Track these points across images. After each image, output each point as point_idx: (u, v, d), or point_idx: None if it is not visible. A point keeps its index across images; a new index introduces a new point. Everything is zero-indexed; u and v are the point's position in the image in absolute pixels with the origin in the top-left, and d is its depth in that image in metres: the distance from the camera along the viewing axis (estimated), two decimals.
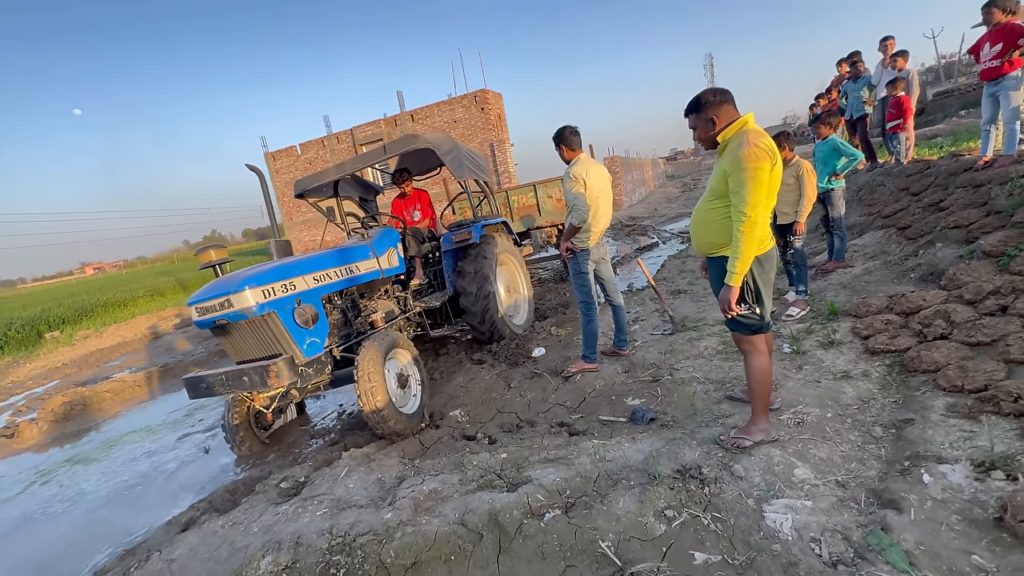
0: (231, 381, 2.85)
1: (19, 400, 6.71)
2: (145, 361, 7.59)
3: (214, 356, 6.98)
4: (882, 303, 3.17)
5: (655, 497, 2.00)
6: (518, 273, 5.04)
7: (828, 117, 4.18)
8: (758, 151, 1.90)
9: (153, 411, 5.18)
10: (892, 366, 2.65)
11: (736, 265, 1.98)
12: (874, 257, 4.22)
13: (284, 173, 18.12)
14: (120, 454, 4.08)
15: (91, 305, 13.64)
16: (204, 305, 2.85)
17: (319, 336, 3.16)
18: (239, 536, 2.26)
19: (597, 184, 3.28)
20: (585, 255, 3.35)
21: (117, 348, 9.41)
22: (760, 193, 1.92)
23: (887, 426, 2.21)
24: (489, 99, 15.24)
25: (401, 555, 1.98)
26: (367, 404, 2.89)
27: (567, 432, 2.86)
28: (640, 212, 15.24)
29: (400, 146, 4.01)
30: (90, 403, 5.49)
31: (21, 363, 8.95)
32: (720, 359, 3.26)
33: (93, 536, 2.91)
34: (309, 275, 3.18)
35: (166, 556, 2.26)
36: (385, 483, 2.53)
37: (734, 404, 2.68)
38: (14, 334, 10.83)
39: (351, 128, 17.13)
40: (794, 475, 2.01)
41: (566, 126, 3.30)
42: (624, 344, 3.68)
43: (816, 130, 4.23)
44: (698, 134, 2.15)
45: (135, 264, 63.03)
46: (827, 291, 3.94)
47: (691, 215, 2.34)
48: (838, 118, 4.52)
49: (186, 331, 9.43)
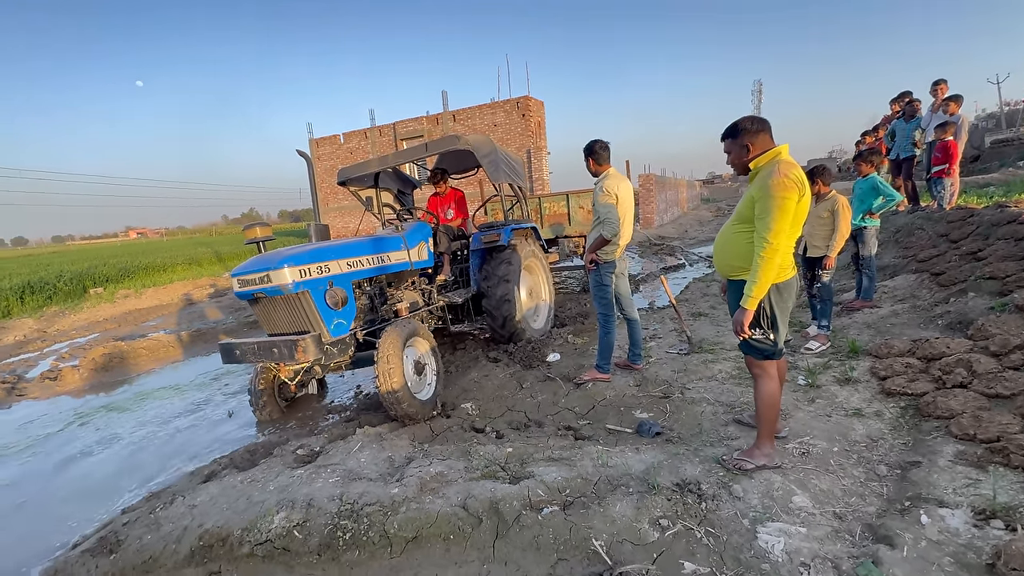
0: (262, 351, 3.04)
1: (63, 347, 7.16)
2: (179, 325, 7.97)
3: (243, 327, 7.29)
4: (905, 346, 3.14)
5: (652, 505, 2.07)
6: (542, 279, 5.14)
7: (870, 155, 4.16)
8: (787, 181, 1.96)
9: (183, 371, 5.47)
10: (906, 409, 2.63)
11: (753, 289, 2.04)
12: (903, 300, 4.16)
13: (325, 160, 18.71)
14: (151, 407, 4.34)
15: (133, 267, 14.35)
16: (245, 278, 3.06)
17: (346, 318, 3.33)
18: (256, 492, 2.42)
19: (626, 199, 3.36)
20: (609, 267, 3.43)
21: (154, 310, 9.90)
22: (784, 222, 1.97)
23: (893, 466, 2.22)
24: (531, 106, 15.44)
25: (404, 528, 2.10)
26: (384, 385, 3.03)
27: (573, 436, 2.93)
28: (670, 232, 15.13)
29: (442, 145, 4.17)
30: (127, 357, 5.83)
31: (67, 314, 9.50)
32: (732, 383, 3.29)
33: (123, 477, 3.13)
34: (343, 260, 3.36)
35: (189, 501, 2.44)
36: (394, 461, 2.66)
37: (741, 428, 2.71)
38: (62, 286, 11.50)
39: (394, 123, 17.60)
40: (792, 501, 2.04)
41: (597, 140, 3.39)
42: (638, 359, 3.73)
43: (857, 167, 4.20)
44: (731, 159, 2.21)
45: (176, 233, 65.79)
46: (850, 329, 3.91)
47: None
48: (880, 157, 4.48)
49: (219, 301, 9.85)
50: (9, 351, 7.26)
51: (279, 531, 2.13)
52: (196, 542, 2.17)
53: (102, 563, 2.20)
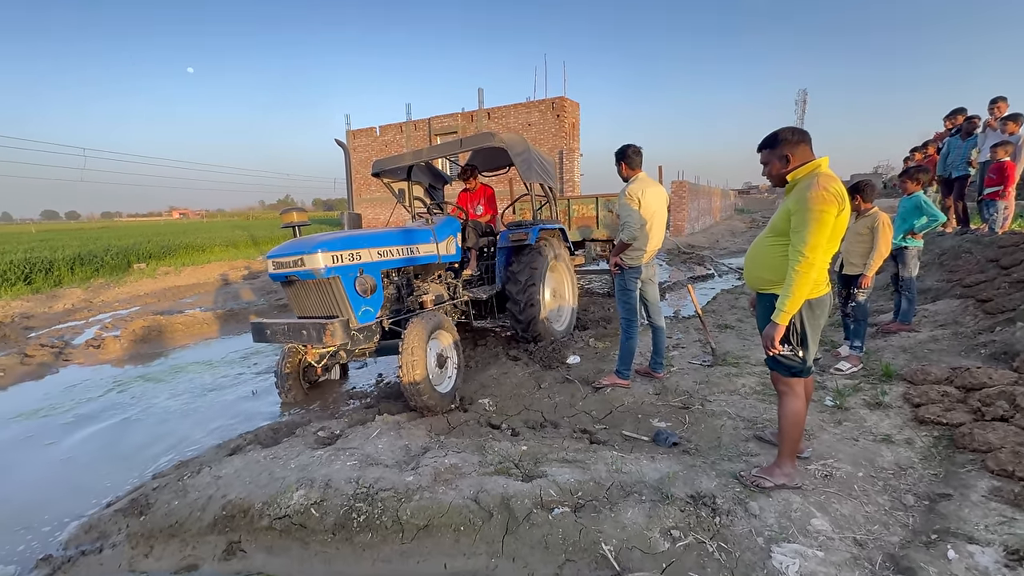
0: (291, 332, 3.15)
1: (107, 318, 7.54)
2: (213, 303, 8.29)
3: (273, 309, 7.53)
4: (942, 373, 3.01)
5: (664, 515, 2.05)
6: (566, 280, 5.13)
7: (917, 172, 3.98)
8: (826, 194, 1.90)
9: (215, 348, 5.69)
10: (940, 439, 2.52)
11: (786, 304, 1.99)
12: (944, 326, 3.97)
13: (361, 151, 19.09)
14: (184, 380, 4.53)
15: (174, 246, 14.97)
16: (280, 260, 3.16)
17: (373, 306, 3.40)
18: (278, 468, 2.50)
19: (652, 204, 3.32)
20: (633, 273, 3.40)
21: (191, 287, 10.31)
22: (822, 236, 1.92)
23: (921, 497, 2.13)
24: (566, 107, 15.37)
25: (416, 515, 2.14)
26: (406, 375, 3.09)
27: (588, 439, 2.92)
28: (700, 241, 14.83)
29: (476, 141, 4.21)
30: (164, 331, 6.10)
31: (111, 286, 10.00)
32: (756, 399, 3.21)
33: (155, 444, 3.29)
34: (374, 249, 3.43)
35: (215, 472, 2.55)
36: (411, 450, 2.71)
37: (762, 445, 2.65)
38: (109, 260, 12.10)
39: (429, 118, 17.80)
40: (811, 524, 1.99)
41: (630, 145, 3.37)
42: (660, 367, 3.68)
43: (902, 184, 4.04)
44: (769, 170, 2.16)
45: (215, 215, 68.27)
46: (885, 352, 3.76)
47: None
48: (928, 175, 4.29)
49: (252, 283, 10.19)
50: (58, 318, 7.70)
51: (297, 508, 2.21)
52: (220, 511, 2.27)
53: (132, 523, 2.32)
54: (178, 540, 2.24)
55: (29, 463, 3.14)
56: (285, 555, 2.13)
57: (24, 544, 2.34)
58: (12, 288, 9.36)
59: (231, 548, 2.18)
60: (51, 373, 4.96)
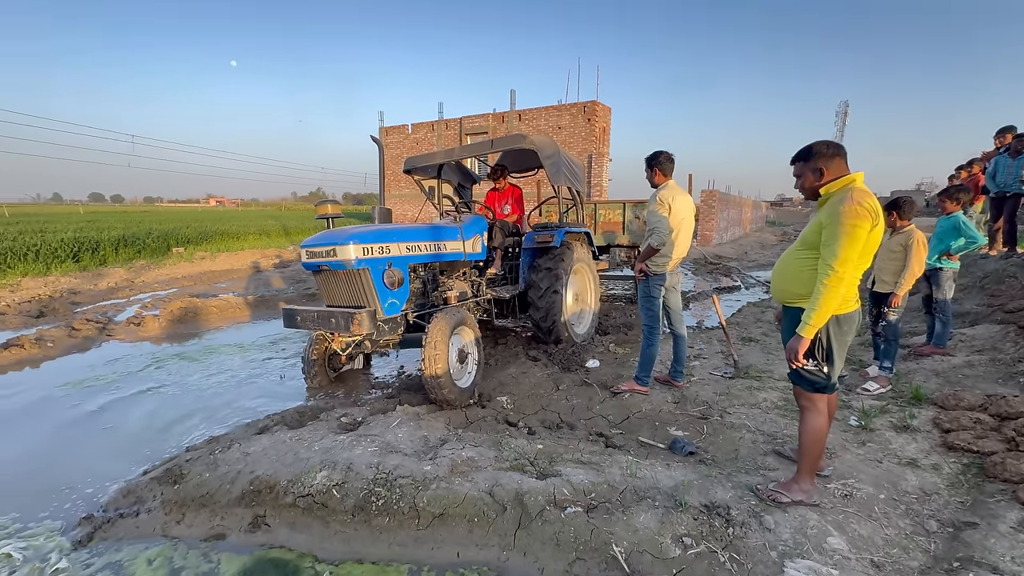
0: (321, 320, 3.27)
1: (147, 297, 7.92)
2: (246, 289, 8.59)
3: (302, 297, 7.76)
4: (976, 400, 2.91)
5: (677, 522, 2.06)
6: (589, 284, 5.14)
7: (957, 192, 3.85)
8: (860, 209, 1.88)
9: (246, 332, 5.92)
10: (969, 467, 2.45)
11: (812, 317, 1.97)
12: (982, 351, 3.83)
13: (392, 148, 19.43)
14: (216, 360, 4.73)
15: (210, 232, 15.55)
16: (314, 249, 3.29)
17: (400, 299, 3.50)
18: (303, 450, 2.61)
19: (681, 211, 3.32)
20: (659, 279, 3.39)
21: (225, 273, 10.71)
22: (853, 251, 1.90)
23: (945, 523, 2.08)
24: (598, 111, 15.33)
25: (432, 504, 2.21)
26: (428, 368, 3.17)
27: (604, 443, 2.94)
28: (728, 252, 14.56)
29: (507, 143, 4.27)
30: (200, 312, 6.37)
31: (151, 268, 10.48)
32: (777, 414, 3.17)
33: (188, 419, 3.46)
34: (403, 243, 3.53)
35: (244, 449, 2.67)
36: (429, 441, 2.78)
37: (781, 460, 2.62)
38: (150, 243, 12.68)
39: (460, 117, 18.00)
40: (827, 542, 1.97)
41: (662, 151, 3.36)
42: (680, 376, 3.67)
43: (941, 203, 3.91)
44: (802, 183, 2.14)
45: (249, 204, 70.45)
46: (916, 374, 3.65)
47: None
48: (968, 195, 4.13)
49: (282, 271, 10.52)
50: (103, 295, 8.12)
51: (320, 488, 2.30)
52: (247, 486, 2.38)
53: (167, 491, 2.46)
54: (208, 510, 2.37)
55: (75, 428, 3.35)
56: (307, 531, 2.23)
57: (70, 503, 2.51)
58: (62, 265, 9.91)
59: (256, 521, 2.29)
60: (95, 347, 5.25)
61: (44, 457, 2.97)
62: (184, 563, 2.10)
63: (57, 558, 2.12)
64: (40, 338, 5.10)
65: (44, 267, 9.52)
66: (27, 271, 9.09)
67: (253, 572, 2.05)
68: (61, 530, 2.30)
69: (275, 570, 2.05)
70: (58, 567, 2.07)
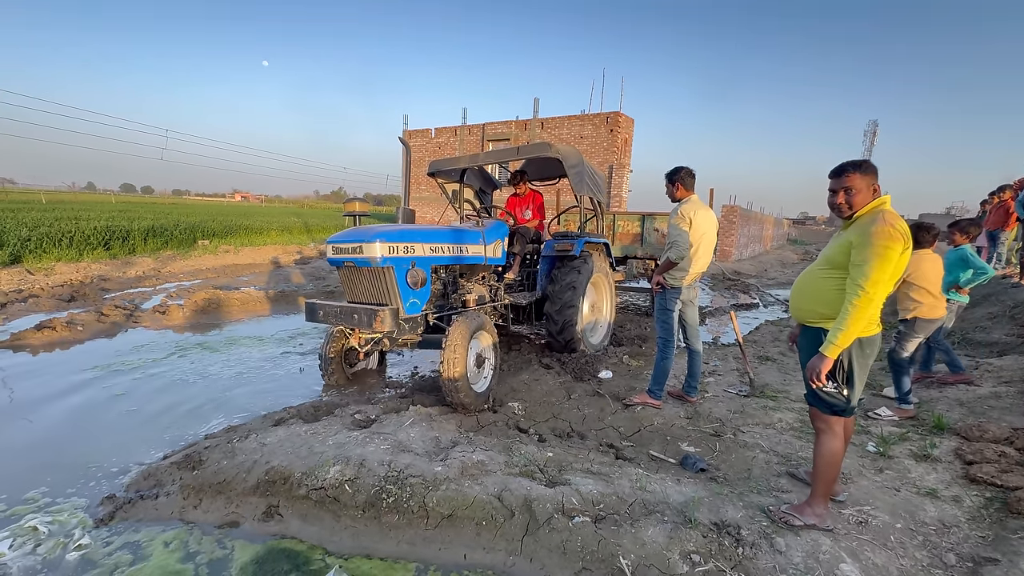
0: (343, 315, 3.33)
1: (172, 287, 8.15)
2: (267, 283, 8.78)
3: (321, 294, 7.91)
4: (1002, 432, 2.83)
5: (685, 539, 2.05)
6: (606, 295, 5.13)
7: (968, 226, 3.77)
8: (893, 231, 1.87)
9: (266, 325, 6.05)
10: (992, 500, 2.38)
11: (838, 337, 1.94)
12: (1010, 383, 3.71)
13: (415, 151, 19.70)
14: (237, 351, 4.85)
15: (235, 227, 15.94)
16: (340, 246, 3.36)
17: (421, 299, 3.55)
18: (317, 443, 2.66)
19: (703, 226, 3.31)
20: (675, 293, 3.39)
21: (247, 267, 10.96)
22: (885, 272, 1.88)
23: (964, 558, 2.02)
24: (621, 123, 15.33)
25: (441, 504, 2.23)
26: (446, 371, 3.20)
27: (614, 454, 2.93)
28: (747, 269, 14.37)
29: (532, 151, 4.32)
30: (222, 304, 6.53)
31: (177, 259, 10.78)
32: (792, 435, 3.12)
33: (208, 407, 3.55)
34: (427, 244, 3.59)
35: (260, 439, 2.74)
36: (441, 442, 2.81)
37: (794, 483, 2.58)
38: (178, 235, 13.05)
39: (483, 123, 18.18)
40: (839, 569, 1.93)
41: (683, 167, 3.38)
42: (693, 391, 3.64)
43: (951, 235, 3.83)
44: (835, 199, 2.10)
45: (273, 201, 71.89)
46: (939, 403, 3.56)
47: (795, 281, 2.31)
48: (978, 229, 4.06)
49: (302, 267, 10.71)
50: (130, 283, 8.38)
51: (333, 482, 2.35)
52: (263, 475, 2.44)
53: (185, 476, 2.53)
54: (224, 497, 2.43)
55: (102, 410, 3.47)
56: (318, 524, 2.27)
57: (95, 481, 2.61)
58: (93, 252, 10.25)
59: (270, 511, 2.34)
60: (122, 332, 5.43)
61: (72, 436, 3.08)
62: (199, 547, 2.16)
63: (80, 534, 2.20)
64: (71, 321, 5.29)
65: (77, 253, 9.86)
66: (61, 256, 9.43)
67: (265, 561, 2.09)
68: (85, 507, 2.38)
69: (286, 560, 2.09)
70: (81, 543, 2.15)
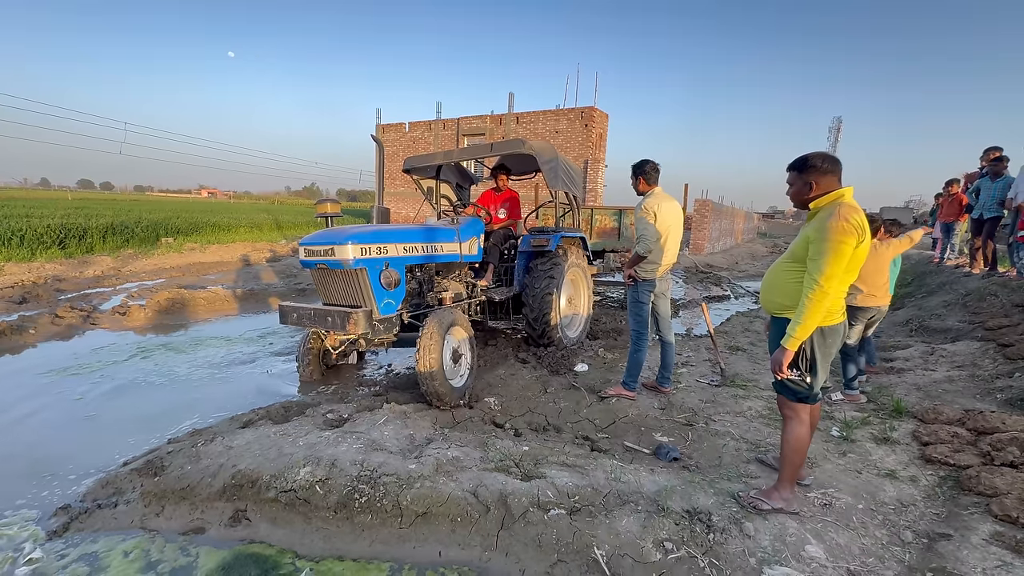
0: (317, 318, 3.26)
1: (133, 287, 7.81)
2: (235, 282, 8.51)
3: (292, 292, 7.72)
4: (955, 414, 2.97)
5: (658, 527, 2.08)
6: (582, 289, 5.16)
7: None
8: (847, 225, 1.91)
9: (234, 325, 5.86)
10: (945, 479, 2.50)
11: (796, 330, 2.00)
12: (961, 367, 3.91)
13: (389, 146, 19.38)
14: (203, 352, 4.69)
15: (201, 223, 15.37)
16: (313, 248, 3.28)
17: (395, 299, 3.50)
18: (287, 445, 2.59)
19: (668, 219, 3.35)
20: (647, 285, 3.43)
21: (215, 265, 10.60)
22: (838, 266, 1.93)
23: (920, 534, 2.12)
24: (595, 117, 15.43)
25: (416, 503, 2.21)
26: (423, 364, 3.17)
27: (590, 447, 2.95)
28: (719, 262, 14.70)
29: (506, 147, 4.29)
30: (187, 304, 6.30)
31: (139, 257, 10.34)
32: (761, 422, 3.21)
33: (172, 410, 3.42)
34: (401, 244, 3.53)
35: (227, 442, 2.65)
36: (415, 439, 2.78)
37: (763, 468, 2.65)
38: (139, 232, 12.52)
39: (458, 118, 18.01)
40: (805, 550, 2.00)
41: (648, 160, 3.41)
42: (667, 382, 3.70)
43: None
44: (792, 192, 2.17)
45: (242, 197, 69.72)
46: (898, 388, 3.72)
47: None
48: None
49: (273, 265, 10.43)
50: (88, 283, 8.00)
51: (303, 483, 2.29)
52: (229, 479, 2.36)
53: (147, 482, 2.43)
54: (188, 503, 2.34)
55: (58, 416, 3.30)
56: (288, 527, 2.21)
57: (48, 490, 2.47)
58: (47, 251, 9.74)
59: (237, 515, 2.27)
60: (78, 335, 5.17)
61: (23, 444, 2.92)
62: (161, 556, 2.07)
63: (31, 548, 2.09)
64: (21, 325, 5.01)
65: (29, 253, 9.36)
66: (11, 256, 8.93)
67: (232, 567, 2.02)
68: (36, 519, 2.26)
69: (254, 565, 2.03)
70: (31, 557, 2.04)
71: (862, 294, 3.45)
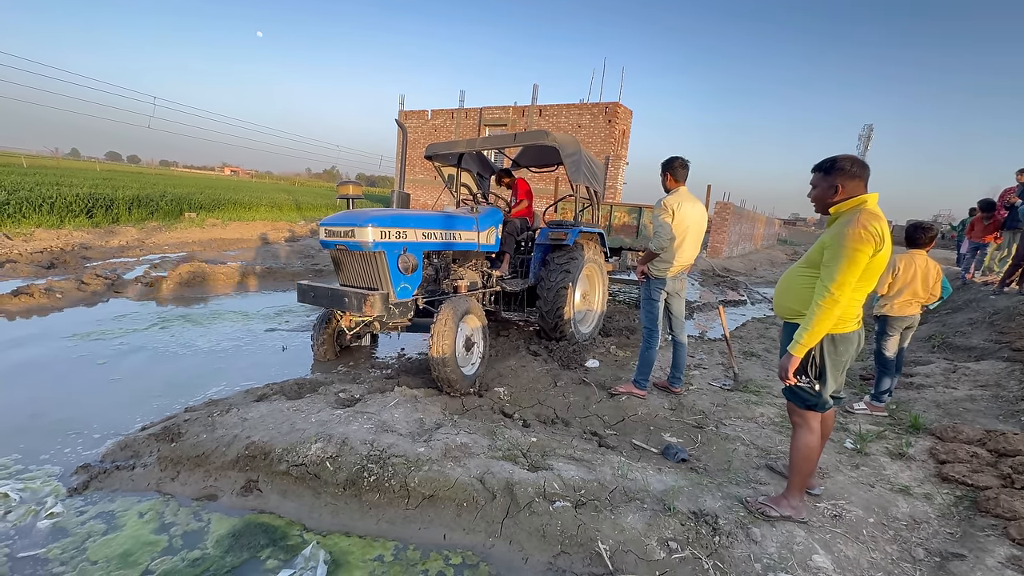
0: (334, 297, 3.30)
1: (156, 259, 7.99)
2: (254, 259, 8.65)
3: (309, 272, 7.81)
4: (975, 434, 2.89)
5: (664, 526, 2.07)
6: (598, 285, 5.13)
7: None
8: (864, 233, 1.84)
9: (252, 301, 5.96)
10: (962, 499, 2.44)
11: (803, 336, 1.96)
12: (985, 387, 3.80)
13: (410, 133, 19.42)
14: (221, 326, 4.78)
15: (223, 200, 15.63)
16: (333, 229, 3.31)
17: (412, 284, 3.52)
18: (299, 420, 2.64)
19: (688, 219, 3.29)
20: (659, 283, 3.39)
21: (235, 242, 10.78)
22: (852, 274, 1.87)
23: (932, 552, 2.07)
24: (619, 114, 15.24)
25: (423, 485, 2.23)
26: (435, 349, 3.19)
27: (597, 442, 2.95)
28: (737, 266, 14.48)
29: (530, 138, 4.26)
30: (207, 278, 6.42)
31: (163, 230, 10.57)
32: (772, 429, 3.17)
33: (189, 380, 3.50)
34: (420, 229, 3.54)
35: (242, 414, 2.70)
36: (425, 424, 2.80)
37: (772, 475, 2.62)
38: (164, 206, 12.77)
39: (480, 108, 17.95)
40: (812, 560, 1.97)
41: (678, 157, 3.34)
42: (678, 383, 3.67)
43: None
44: (815, 194, 2.10)
45: (263, 176, 70.54)
46: (916, 404, 3.63)
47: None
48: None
49: (291, 245, 10.57)
50: (113, 253, 8.20)
51: (314, 459, 2.33)
52: (243, 450, 2.41)
53: (163, 448, 2.49)
54: (202, 470, 2.40)
55: (78, 378, 3.40)
56: (297, 500, 2.25)
57: (70, 448, 2.56)
58: (75, 219, 10.00)
59: (249, 485, 2.32)
60: (102, 302, 5.31)
61: (47, 403, 3.02)
62: (175, 519, 2.13)
63: (53, 502, 2.16)
64: (50, 288, 5.17)
65: (58, 220, 9.62)
66: (41, 222, 9.19)
67: (242, 534, 2.07)
68: (59, 476, 2.34)
69: (263, 534, 2.08)
70: (53, 511, 2.11)
71: (897, 303, 3.36)
